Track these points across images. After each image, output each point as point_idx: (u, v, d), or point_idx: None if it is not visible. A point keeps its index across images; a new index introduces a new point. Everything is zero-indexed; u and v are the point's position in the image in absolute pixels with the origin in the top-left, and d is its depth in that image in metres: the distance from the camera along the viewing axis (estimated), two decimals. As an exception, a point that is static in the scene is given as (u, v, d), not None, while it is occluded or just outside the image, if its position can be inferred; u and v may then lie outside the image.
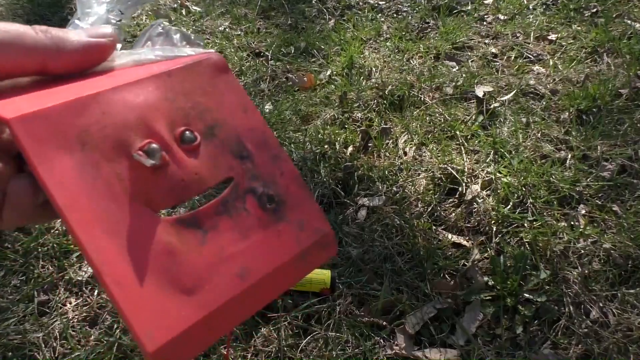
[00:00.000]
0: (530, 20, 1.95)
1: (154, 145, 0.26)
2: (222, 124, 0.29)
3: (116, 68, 0.30)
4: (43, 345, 1.02)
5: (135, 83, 0.27)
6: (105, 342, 1.01)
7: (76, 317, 1.08)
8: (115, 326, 1.04)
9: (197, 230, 0.26)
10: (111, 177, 0.24)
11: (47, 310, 1.09)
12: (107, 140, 0.25)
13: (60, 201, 0.23)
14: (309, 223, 0.30)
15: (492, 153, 1.34)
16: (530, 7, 2.04)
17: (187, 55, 0.32)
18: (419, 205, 1.24)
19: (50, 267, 1.18)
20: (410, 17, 2.07)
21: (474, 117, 1.48)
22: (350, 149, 1.41)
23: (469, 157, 1.35)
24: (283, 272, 0.28)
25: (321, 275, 1.04)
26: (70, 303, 1.11)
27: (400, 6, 2.18)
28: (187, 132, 0.27)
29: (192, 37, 0.33)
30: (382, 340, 0.98)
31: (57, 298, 1.11)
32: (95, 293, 1.12)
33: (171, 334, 0.23)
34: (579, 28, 1.85)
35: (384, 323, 0.99)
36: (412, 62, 1.78)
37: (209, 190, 0.28)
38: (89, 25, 0.31)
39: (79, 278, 1.14)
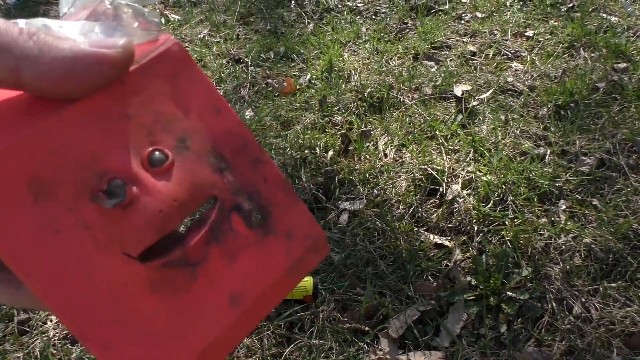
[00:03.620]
0: (508, 17, 1.96)
1: (117, 181, 0.22)
2: (194, 134, 0.25)
3: None
4: (23, 366, 1.00)
5: (84, 104, 0.22)
6: (86, 359, 1.00)
7: (57, 335, 1.06)
8: (97, 343, 1.03)
9: (186, 269, 0.23)
10: (75, 228, 0.21)
11: (28, 329, 1.08)
12: (63, 186, 0.21)
13: (21, 272, 0.20)
14: (298, 231, 0.27)
15: (472, 152, 1.34)
16: (507, 4, 2.05)
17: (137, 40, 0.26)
18: (400, 207, 1.23)
19: (29, 285, 1.16)
20: (388, 18, 2.08)
21: (453, 116, 1.48)
22: (330, 153, 1.40)
23: (449, 156, 1.35)
24: (275, 288, 0.26)
25: (303, 282, 1.03)
26: (51, 321, 1.09)
27: (378, 7, 2.19)
28: (157, 153, 0.23)
29: (146, 13, 0.26)
30: (365, 346, 0.97)
31: (38, 316, 1.09)
32: (76, 309, 1.10)
33: None
34: (556, 23, 1.86)
35: (367, 328, 0.99)
36: (391, 63, 1.78)
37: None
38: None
39: (59, 295, 1.13)
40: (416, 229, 1.18)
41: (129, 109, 0.23)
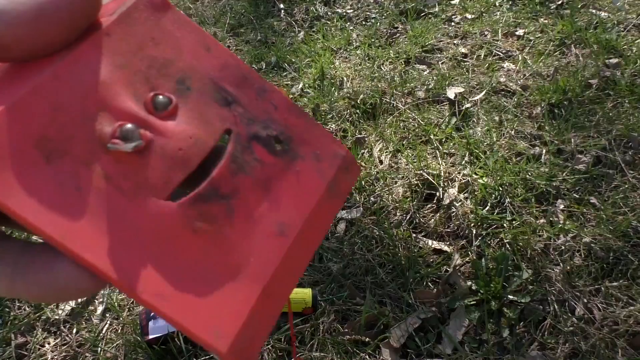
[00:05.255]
0: (498, 17, 1.96)
1: (128, 126, 0.21)
2: (192, 73, 0.24)
3: None
4: (22, 391, 0.99)
5: (74, 58, 0.22)
6: (85, 382, 0.99)
7: (55, 357, 1.05)
8: (95, 365, 1.02)
9: (220, 202, 0.22)
10: (96, 181, 0.20)
11: (25, 353, 1.06)
12: (74, 141, 0.20)
13: (55, 234, 0.19)
14: (324, 151, 0.26)
15: (467, 155, 1.33)
16: (497, 4, 2.05)
17: None
18: (398, 213, 1.22)
19: (26, 308, 1.15)
20: (379, 24, 2.07)
21: (447, 119, 1.47)
22: (325, 161, 1.40)
23: (444, 160, 1.34)
24: (319, 212, 0.25)
25: (302, 294, 1.02)
26: (48, 343, 1.08)
27: (368, 13, 2.19)
28: (159, 97, 0.23)
29: None
30: (367, 357, 0.96)
31: (35, 339, 1.08)
32: (74, 331, 1.09)
33: (237, 324, 0.21)
34: (546, 21, 1.86)
35: (367, 339, 0.98)
36: (382, 68, 1.77)
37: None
38: None
39: (57, 317, 1.12)
40: (414, 235, 1.17)
41: (120, 59, 0.23)
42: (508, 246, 1.10)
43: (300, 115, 0.26)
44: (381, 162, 1.38)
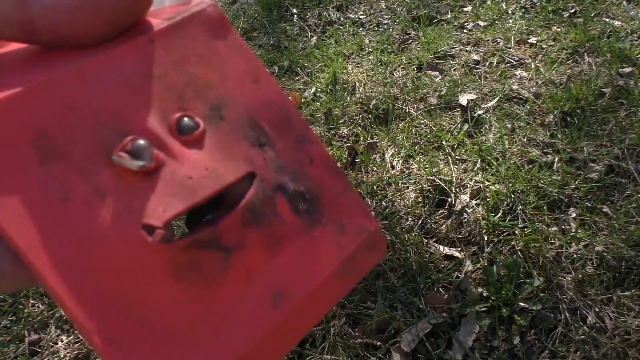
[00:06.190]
0: (510, 24, 1.96)
1: (141, 142, 0.19)
2: (230, 103, 0.22)
3: None
4: (35, 388, 1.00)
5: (106, 58, 0.20)
6: (98, 380, 1.00)
7: (68, 355, 1.06)
8: (108, 363, 1.03)
9: (217, 253, 0.20)
10: (88, 195, 0.18)
11: (39, 350, 1.08)
12: (77, 146, 0.18)
13: (20, 241, 0.17)
14: (351, 222, 0.23)
15: (479, 161, 1.34)
16: (509, 12, 2.06)
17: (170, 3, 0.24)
18: (409, 219, 1.23)
19: (40, 305, 1.16)
20: (391, 30, 2.08)
21: (459, 126, 1.48)
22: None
23: (456, 166, 1.34)
24: (325, 289, 0.22)
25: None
26: (61, 341, 1.09)
27: (380, 19, 2.20)
28: (186, 119, 0.20)
29: None
30: (378, 361, 0.96)
31: (48, 337, 1.09)
32: (87, 329, 1.10)
33: None
34: (559, 29, 1.86)
35: (379, 343, 0.98)
36: (395, 74, 1.78)
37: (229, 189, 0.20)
38: None
39: (70, 315, 1.13)
40: (426, 240, 1.18)
41: (157, 69, 0.21)
42: (519, 253, 1.10)
43: (336, 175, 0.23)
44: (393, 167, 1.38)
